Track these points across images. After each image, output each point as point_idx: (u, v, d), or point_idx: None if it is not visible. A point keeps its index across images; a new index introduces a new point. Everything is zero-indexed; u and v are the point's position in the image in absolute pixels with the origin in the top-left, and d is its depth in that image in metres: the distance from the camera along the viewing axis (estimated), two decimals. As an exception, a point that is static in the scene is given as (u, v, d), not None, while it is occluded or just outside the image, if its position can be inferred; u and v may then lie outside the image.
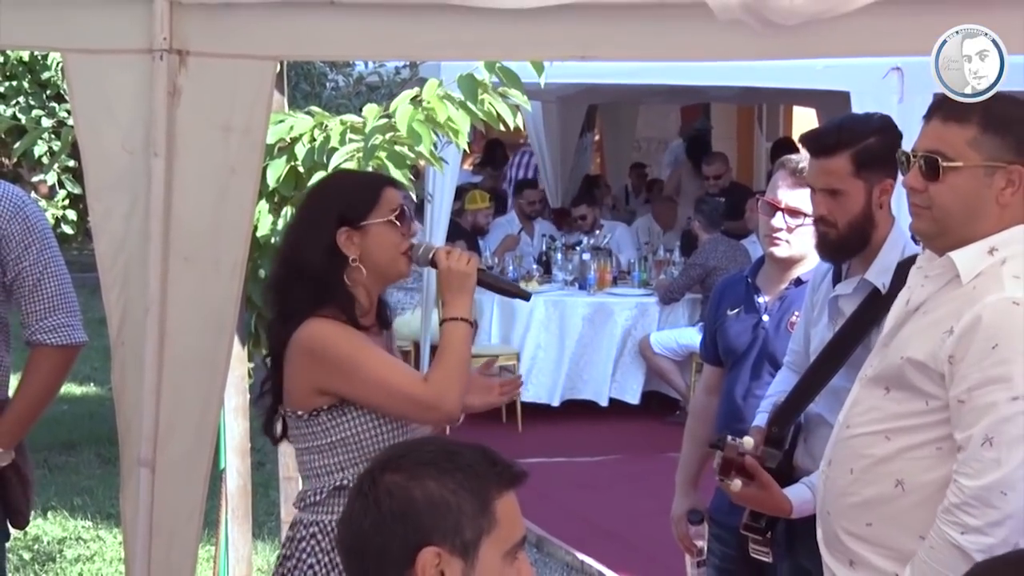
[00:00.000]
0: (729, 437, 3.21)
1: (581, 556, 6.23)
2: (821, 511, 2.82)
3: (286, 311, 3.02)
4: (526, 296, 3.33)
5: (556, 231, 10.72)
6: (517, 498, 1.94)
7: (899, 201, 2.93)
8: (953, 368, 2.55)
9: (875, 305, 3.17)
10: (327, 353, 2.94)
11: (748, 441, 3.21)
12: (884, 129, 3.21)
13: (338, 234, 2.99)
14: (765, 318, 3.73)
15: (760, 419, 3.39)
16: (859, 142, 3.17)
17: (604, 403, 8.84)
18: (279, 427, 3.12)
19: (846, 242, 3.20)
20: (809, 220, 3.53)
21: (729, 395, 3.76)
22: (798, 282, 3.70)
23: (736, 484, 3.16)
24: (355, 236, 3.00)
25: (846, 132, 3.19)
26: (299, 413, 3.02)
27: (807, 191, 3.51)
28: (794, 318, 3.66)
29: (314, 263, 2.99)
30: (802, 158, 3.66)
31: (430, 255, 3.07)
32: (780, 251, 3.69)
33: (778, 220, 3.66)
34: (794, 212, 3.63)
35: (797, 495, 3.18)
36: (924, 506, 2.61)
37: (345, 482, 2.99)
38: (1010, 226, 2.63)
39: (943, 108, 2.64)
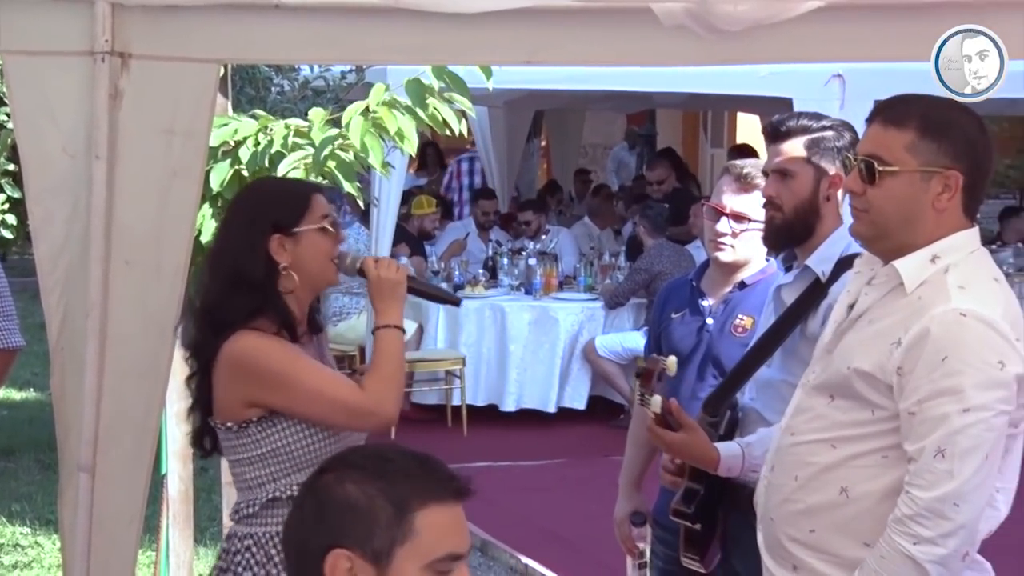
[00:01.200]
0: (651, 355, 3.23)
1: (525, 559, 6.23)
2: (763, 517, 2.83)
3: (218, 321, 2.90)
4: (456, 302, 3.33)
5: (504, 236, 10.73)
6: (461, 510, 1.91)
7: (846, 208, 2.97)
8: (902, 380, 2.56)
9: (813, 293, 3.21)
10: (259, 367, 2.87)
11: (672, 360, 3.23)
12: (841, 127, 3.30)
13: (271, 241, 2.94)
14: (709, 321, 3.77)
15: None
16: (814, 131, 3.26)
17: (552, 409, 8.86)
18: (208, 440, 3.05)
19: (791, 227, 3.26)
20: (754, 225, 3.59)
21: (674, 397, 3.78)
22: (742, 285, 3.75)
23: (656, 400, 3.15)
24: (287, 243, 2.91)
25: (804, 120, 3.29)
26: (228, 425, 2.94)
27: (752, 196, 3.58)
28: (738, 321, 3.70)
29: (249, 270, 2.89)
30: (747, 163, 3.74)
31: (357, 264, 3.03)
32: (725, 256, 3.74)
33: (723, 225, 3.71)
34: (739, 217, 3.68)
35: (727, 448, 3.20)
36: (868, 514, 2.63)
37: (278, 493, 2.91)
38: (949, 232, 2.65)
39: (883, 112, 2.67)
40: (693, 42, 2.80)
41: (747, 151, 10.99)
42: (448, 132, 4.00)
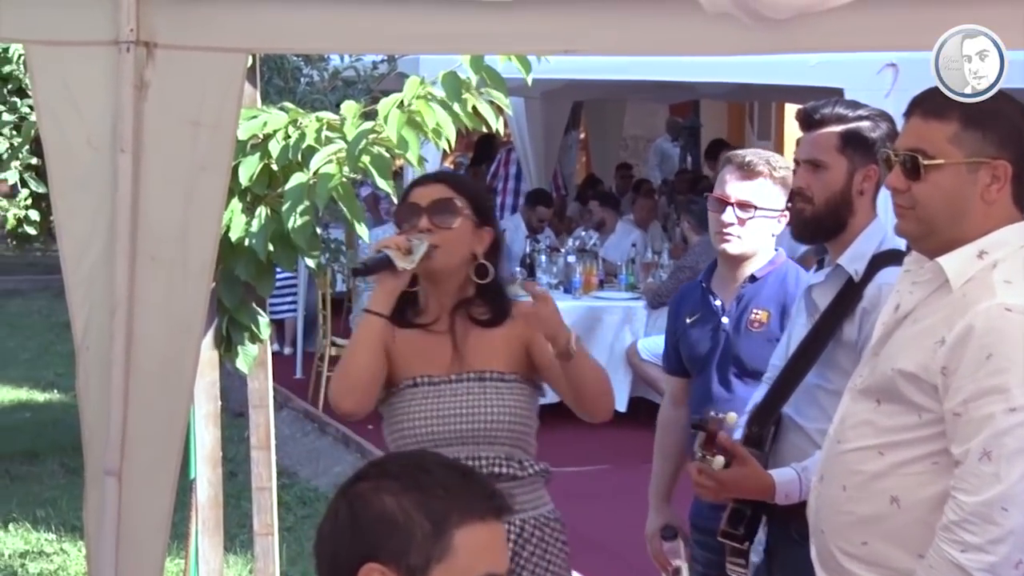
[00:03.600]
0: (712, 412, 3.23)
1: (566, 569, 6.23)
2: (815, 529, 2.82)
3: None
4: (387, 263, 3.21)
5: (551, 238, 10.75)
6: (502, 528, 1.89)
7: (887, 205, 2.96)
8: (947, 380, 2.55)
9: (847, 295, 3.20)
10: None
11: (732, 416, 3.23)
12: (879, 117, 3.29)
13: None
14: (724, 320, 3.78)
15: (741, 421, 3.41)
16: (850, 121, 3.24)
17: (622, 408, 8.84)
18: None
19: (821, 221, 3.25)
20: (760, 213, 3.62)
21: (697, 403, 3.78)
22: (752, 279, 3.76)
23: (719, 460, 3.16)
24: None
25: (839, 108, 3.28)
26: None
27: (756, 183, 3.63)
28: (753, 316, 3.71)
29: None
30: (748, 152, 3.81)
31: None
32: (732, 247, 3.76)
33: (728, 215, 3.74)
34: (744, 205, 3.71)
35: (781, 475, 3.19)
36: (921, 523, 2.60)
37: None
38: (999, 225, 2.63)
39: (922, 104, 2.66)
40: (738, 30, 2.78)
41: (726, 145, 10.98)
42: (485, 128, 4.01)
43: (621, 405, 8.96)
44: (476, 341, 3.26)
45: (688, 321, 3.86)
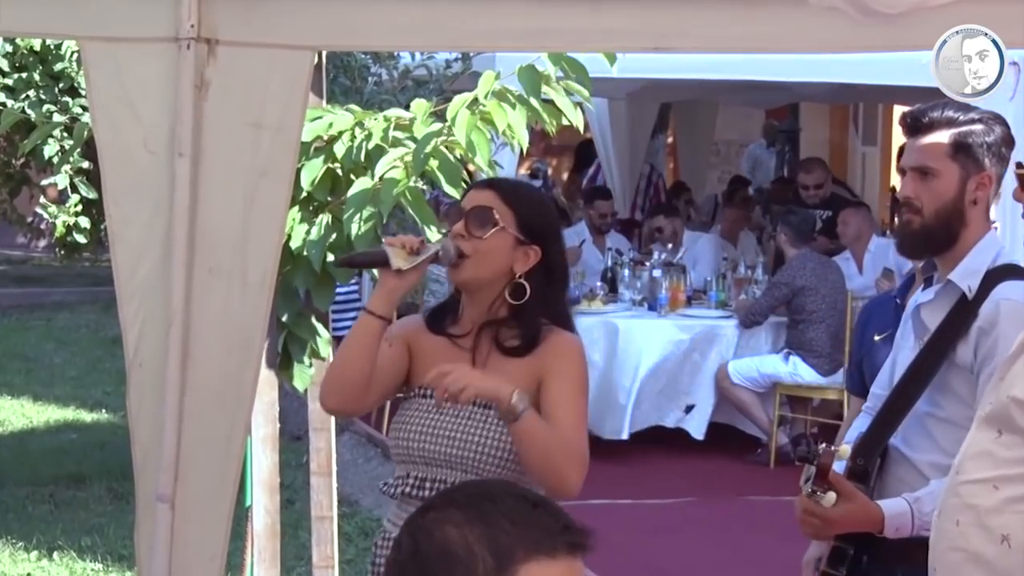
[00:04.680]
0: (821, 445, 3.19)
1: (647, 611, 6.21)
2: (930, 567, 2.79)
3: None
4: (384, 259, 3.20)
5: (627, 243, 10.69)
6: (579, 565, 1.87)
7: (1016, 221, 2.93)
8: None
9: (961, 314, 3.15)
10: None
11: (845, 449, 3.19)
12: (992, 119, 3.24)
13: None
14: None
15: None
16: (961, 124, 3.20)
17: (699, 436, 8.82)
18: None
19: (930, 234, 3.21)
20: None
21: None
22: None
23: (830, 497, 3.12)
24: None
25: (949, 111, 3.23)
26: None
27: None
28: None
29: None
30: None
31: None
32: None
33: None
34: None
35: (892, 506, 3.15)
36: None
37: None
38: None
39: None
40: (844, 26, 2.77)
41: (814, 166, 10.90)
42: (567, 123, 4.00)
43: (699, 432, 8.88)
44: (497, 364, 3.23)
45: (876, 339, 3.82)
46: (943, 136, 3.21)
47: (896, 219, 3.40)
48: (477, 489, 1.94)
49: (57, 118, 5.53)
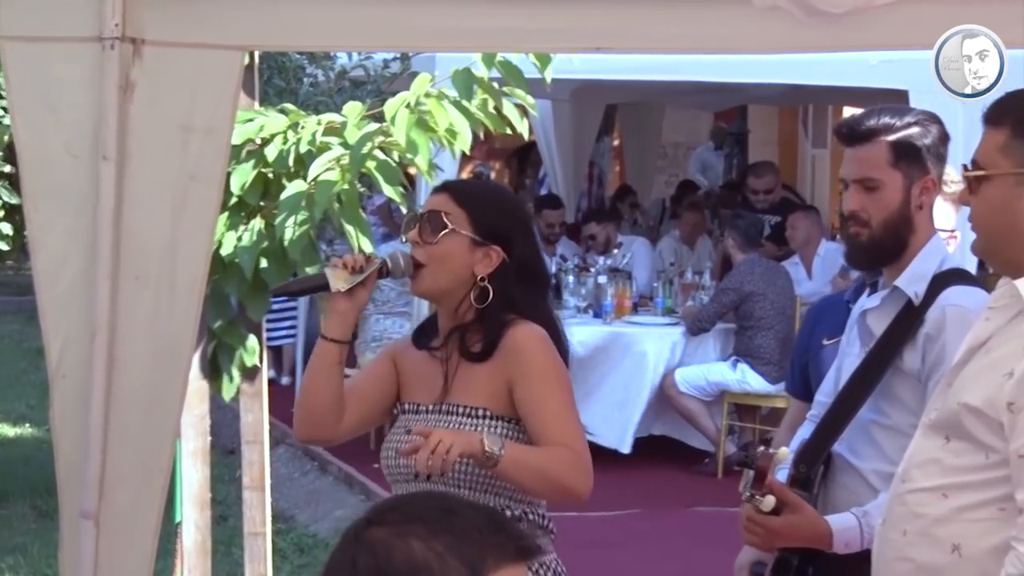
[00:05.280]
0: (759, 448, 3.21)
1: (593, 627, 6.22)
2: (876, 576, 2.82)
3: None
4: (325, 285, 3.22)
5: (574, 249, 10.72)
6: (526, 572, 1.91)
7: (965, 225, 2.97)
8: (1014, 417, 2.54)
9: (907, 320, 3.19)
10: None
11: (784, 451, 3.22)
12: (927, 120, 3.28)
13: None
14: None
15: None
16: (899, 130, 3.23)
17: (626, 450, 8.83)
18: None
19: (879, 245, 3.25)
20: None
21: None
22: None
23: (769, 500, 3.15)
24: None
25: (885, 117, 3.26)
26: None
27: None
28: None
29: None
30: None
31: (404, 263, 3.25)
32: None
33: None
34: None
35: (839, 521, 3.18)
36: (984, 575, 2.60)
37: None
38: None
39: (987, 111, 2.71)
40: (790, 26, 2.79)
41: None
42: (509, 131, 4.02)
43: (626, 447, 8.89)
44: (464, 372, 3.25)
45: (826, 343, 3.83)
46: (882, 144, 3.25)
47: (843, 232, 3.42)
48: (430, 502, 1.96)
49: (-24, 121, 5.48)
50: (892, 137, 3.24)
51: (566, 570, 3.37)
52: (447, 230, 3.21)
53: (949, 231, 3.75)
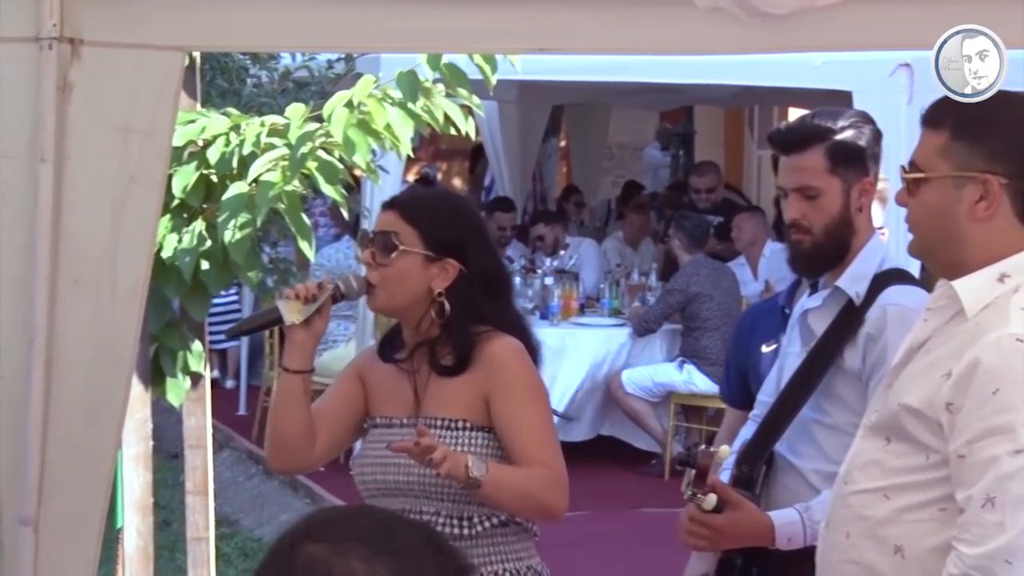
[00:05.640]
0: (700, 447, 3.23)
1: (541, 629, 6.22)
2: (818, 580, 2.84)
3: None
4: (278, 319, 3.25)
5: (522, 251, 10.73)
6: None
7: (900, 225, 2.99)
8: (952, 417, 2.56)
9: (848, 319, 3.21)
10: None
11: (725, 450, 3.23)
12: (860, 121, 3.29)
13: None
14: None
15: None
16: (833, 135, 3.24)
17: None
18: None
19: (823, 251, 3.27)
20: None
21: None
22: None
23: (711, 499, 3.17)
24: None
25: (818, 121, 3.27)
26: None
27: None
28: None
29: None
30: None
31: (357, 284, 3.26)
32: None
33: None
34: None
35: (782, 516, 3.19)
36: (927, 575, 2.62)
37: None
38: (1013, 246, 2.64)
39: (926, 112, 2.73)
40: (733, 27, 2.80)
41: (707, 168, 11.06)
42: (454, 131, 4.02)
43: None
44: (437, 386, 3.26)
45: (765, 350, 3.82)
46: (818, 151, 3.26)
47: (785, 239, 3.43)
48: (368, 519, 1.94)
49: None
50: (827, 143, 3.26)
51: (550, 573, 3.42)
52: (398, 251, 3.21)
53: (878, 228, 3.77)
